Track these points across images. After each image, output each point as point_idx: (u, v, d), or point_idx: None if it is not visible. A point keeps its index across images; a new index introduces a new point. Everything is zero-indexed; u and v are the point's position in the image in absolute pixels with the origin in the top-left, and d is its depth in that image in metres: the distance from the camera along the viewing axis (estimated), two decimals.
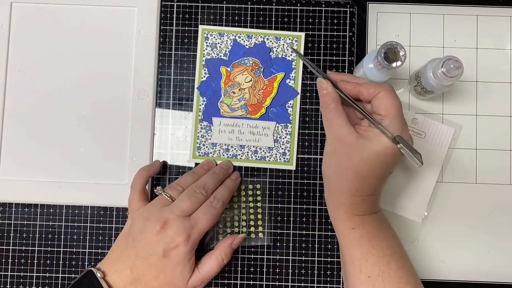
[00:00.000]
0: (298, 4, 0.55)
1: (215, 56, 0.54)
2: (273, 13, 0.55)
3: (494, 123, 0.54)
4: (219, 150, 0.54)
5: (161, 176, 0.54)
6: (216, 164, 0.53)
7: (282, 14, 0.55)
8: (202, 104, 0.54)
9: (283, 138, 0.54)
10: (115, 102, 0.54)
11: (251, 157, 0.54)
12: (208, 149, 0.54)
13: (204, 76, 0.54)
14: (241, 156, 0.54)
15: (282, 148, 0.54)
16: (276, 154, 0.54)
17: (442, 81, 0.46)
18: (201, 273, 0.47)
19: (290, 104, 0.54)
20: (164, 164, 0.54)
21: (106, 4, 0.54)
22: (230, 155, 0.54)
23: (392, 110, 0.44)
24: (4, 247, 0.53)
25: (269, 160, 0.54)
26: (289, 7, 0.55)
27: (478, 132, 0.54)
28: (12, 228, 0.54)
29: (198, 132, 0.54)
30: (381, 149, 0.44)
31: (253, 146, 0.54)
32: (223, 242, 0.50)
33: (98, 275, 0.44)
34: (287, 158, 0.54)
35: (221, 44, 0.54)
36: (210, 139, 0.54)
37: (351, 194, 0.45)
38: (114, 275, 0.45)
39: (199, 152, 0.54)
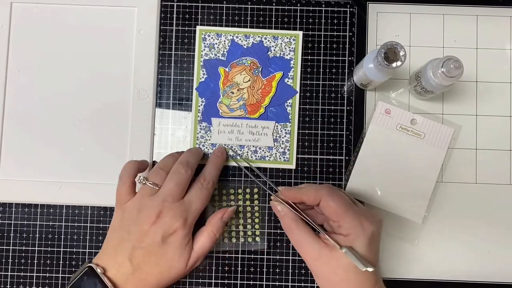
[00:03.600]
0: (298, 4, 0.55)
1: (213, 57, 0.54)
2: (273, 13, 0.55)
3: (494, 123, 0.54)
4: None
5: None
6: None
7: (282, 14, 0.55)
8: (201, 104, 0.54)
9: (283, 138, 0.54)
10: (115, 102, 0.54)
11: (251, 157, 0.54)
12: (208, 149, 0.54)
13: (203, 77, 0.54)
14: (241, 156, 0.54)
15: (281, 148, 0.54)
16: (276, 153, 0.54)
17: (442, 81, 0.46)
18: (196, 251, 0.47)
19: (289, 103, 0.54)
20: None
21: (106, 4, 0.54)
22: (229, 155, 0.54)
23: (339, 213, 0.43)
24: (4, 247, 0.53)
25: (269, 159, 0.54)
26: (289, 7, 0.55)
27: (478, 132, 0.54)
28: (12, 228, 0.54)
29: (198, 133, 0.54)
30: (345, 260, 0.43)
31: (253, 146, 0.54)
32: (214, 216, 0.49)
33: (99, 271, 0.44)
34: (287, 158, 0.54)
35: (218, 45, 0.54)
36: (209, 139, 0.54)
37: None
38: (113, 269, 0.45)
39: None
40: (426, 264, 0.53)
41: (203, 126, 0.54)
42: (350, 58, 0.55)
